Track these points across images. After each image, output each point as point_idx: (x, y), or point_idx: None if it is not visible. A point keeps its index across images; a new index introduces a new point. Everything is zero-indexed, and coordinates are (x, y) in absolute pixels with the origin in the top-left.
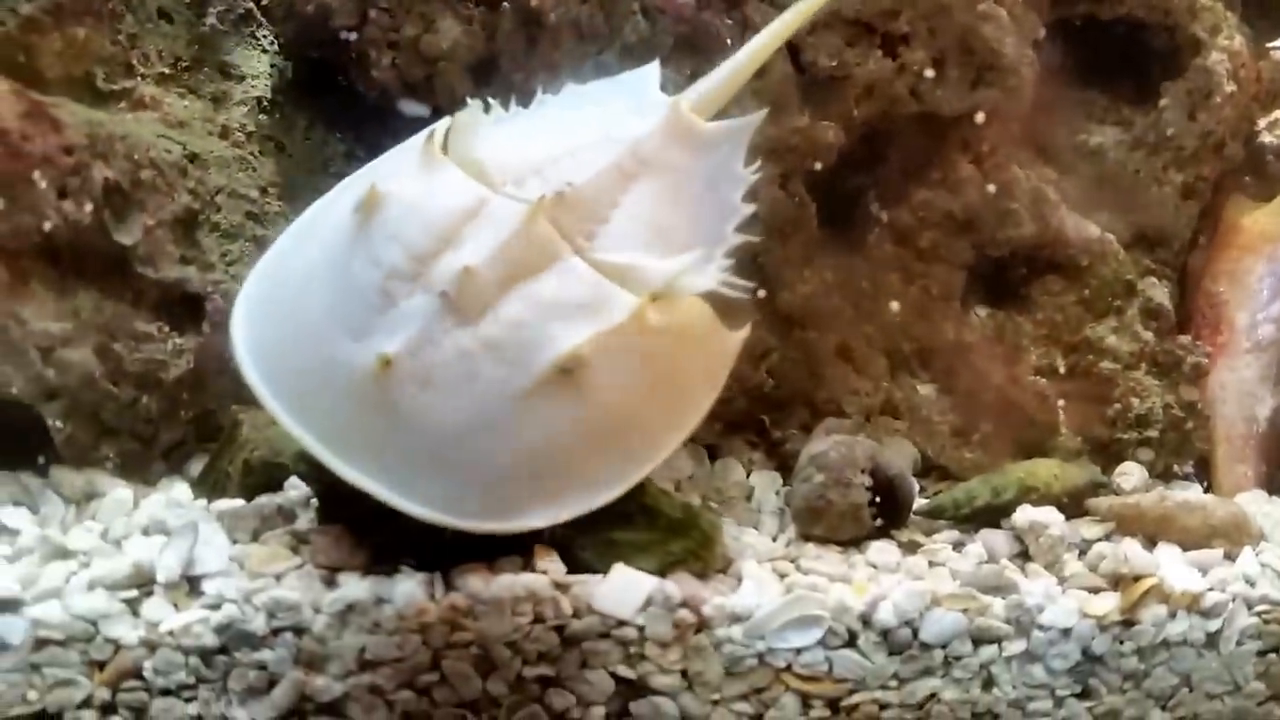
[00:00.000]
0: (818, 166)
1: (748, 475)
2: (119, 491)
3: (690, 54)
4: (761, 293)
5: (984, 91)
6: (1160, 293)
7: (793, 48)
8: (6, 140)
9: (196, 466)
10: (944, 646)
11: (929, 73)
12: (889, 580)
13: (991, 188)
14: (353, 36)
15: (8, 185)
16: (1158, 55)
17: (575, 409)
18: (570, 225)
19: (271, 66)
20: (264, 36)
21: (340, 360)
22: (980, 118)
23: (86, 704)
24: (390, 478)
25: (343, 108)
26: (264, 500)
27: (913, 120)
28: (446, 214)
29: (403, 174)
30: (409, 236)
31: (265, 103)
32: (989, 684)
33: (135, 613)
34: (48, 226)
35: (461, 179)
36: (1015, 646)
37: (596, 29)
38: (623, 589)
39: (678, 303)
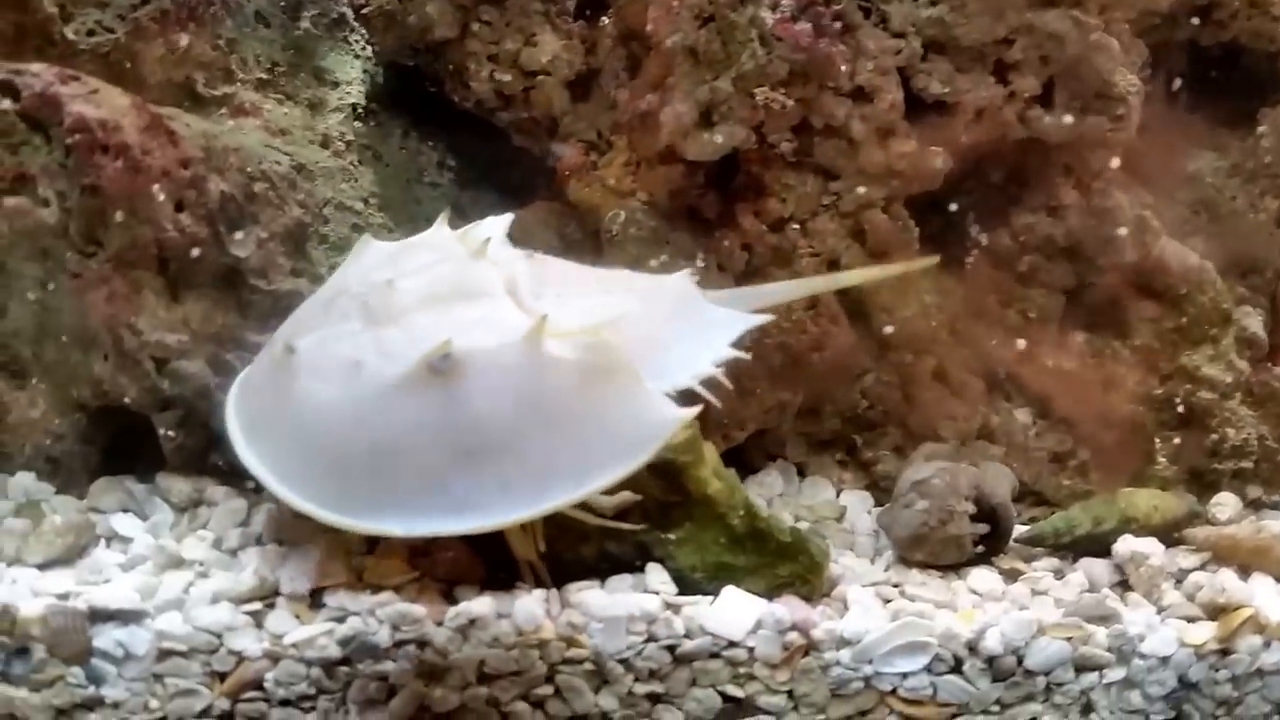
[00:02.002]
0: (923, 191)
1: (837, 495)
2: (232, 501)
3: (804, 82)
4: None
5: (1092, 119)
6: (1255, 322)
7: (904, 74)
8: (128, 155)
9: None
10: (1047, 673)
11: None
12: (995, 608)
13: (1094, 214)
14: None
15: (127, 199)
16: (1257, 81)
17: (442, 412)
18: (525, 284)
19: (363, 73)
20: (355, 42)
21: (271, 356)
22: (1089, 145)
23: (206, 714)
24: (271, 460)
25: (434, 116)
26: None
27: (1017, 145)
28: (407, 248)
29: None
30: (369, 263)
31: (360, 110)
32: (1087, 709)
33: (259, 625)
34: (163, 239)
35: (446, 234)
36: (1115, 674)
37: (713, 55)
38: (734, 611)
39: (601, 350)
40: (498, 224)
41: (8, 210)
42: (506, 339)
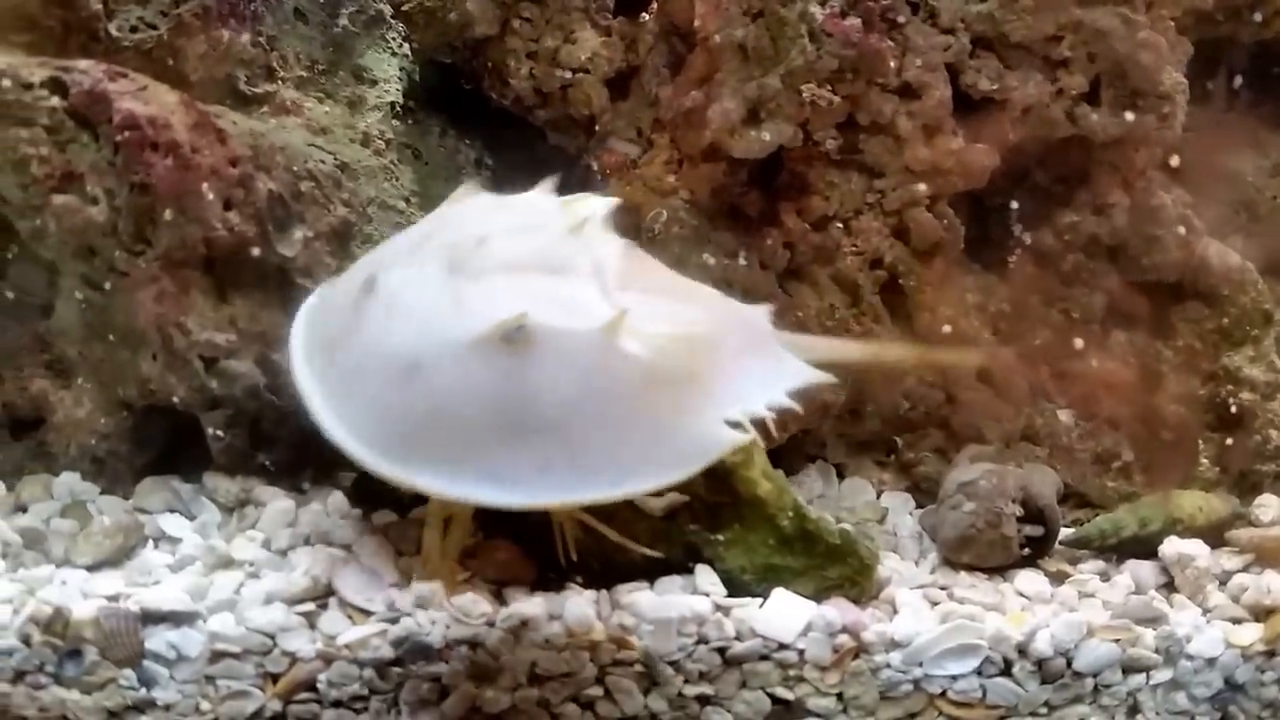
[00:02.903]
0: (968, 189)
1: (878, 496)
2: (280, 501)
3: (852, 79)
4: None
5: (1138, 117)
6: None
7: (952, 70)
8: (178, 153)
9: (343, 472)
10: (1095, 675)
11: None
12: (1044, 611)
13: (1139, 214)
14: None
15: (176, 197)
16: None
17: (502, 381)
18: (612, 273)
19: (400, 70)
20: (393, 39)
21: (349, 286)
22: (1135, 144)
23: (258, 715)
24: (322, 385)
25: (471, 114)
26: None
27: (1062, 142)
28: (505, 206)
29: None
30: (466, 213)
31: (398, 108)
32: (1134, 710)
33: (312, 626)
34: (212, 238)
35: (548, 201)
36: (1162, 675)
37: (762, 51)
38: (785, 613)
39: (673, 357)
40: (600, 205)
41: (56, 208)
42: (583, 324)
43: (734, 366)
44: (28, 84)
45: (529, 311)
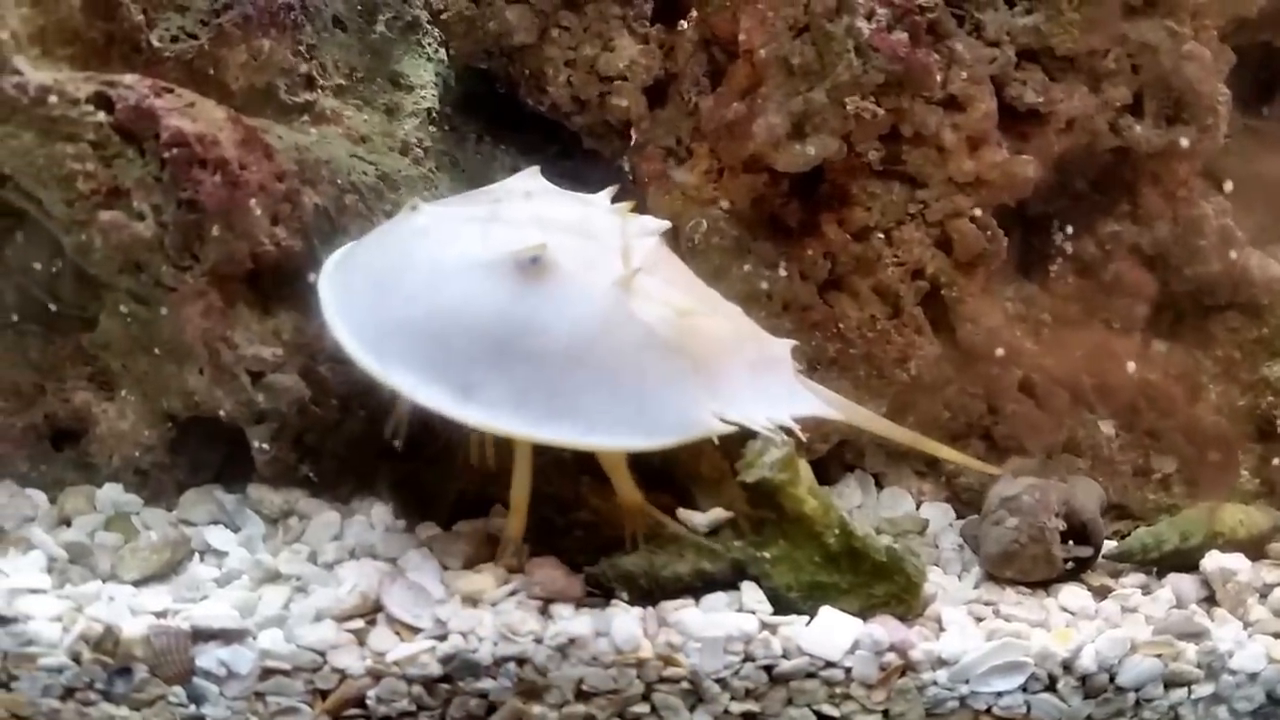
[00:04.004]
0: (1011, 200)
1: (917, 507)
2: (325, 514)
3: (898, 92)
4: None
5: (1180, 128)
6: None
7: (997, 83)
8: (227, 170)
9: (384, 484)
10: (1137, 690)
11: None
12: (1089, 627)
13: (1180, 223)
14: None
15: (224, 213)
16: None
17: (506, 303)
18: (639, 258)
19: (436, 76)
20: (428, 45)
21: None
22: (1176, 154)
23: None
24: (341, 288)
25: (505, 119)
26: (469, 526)
27: (1104, 153)
28: (563, 195)
29: None
30: (524, 182)
31: (434, 115)
32: None
33: (361, 642)
34: (259, 252)
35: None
36: (1204, 689)
37: (808, 66)
38: (832, 631)
39: (675, 328)
40: (653, 223)
41: (102, 224)
42: (597, 276)
43: (742, 374)
44: (74, 99)
45: (549, 245)
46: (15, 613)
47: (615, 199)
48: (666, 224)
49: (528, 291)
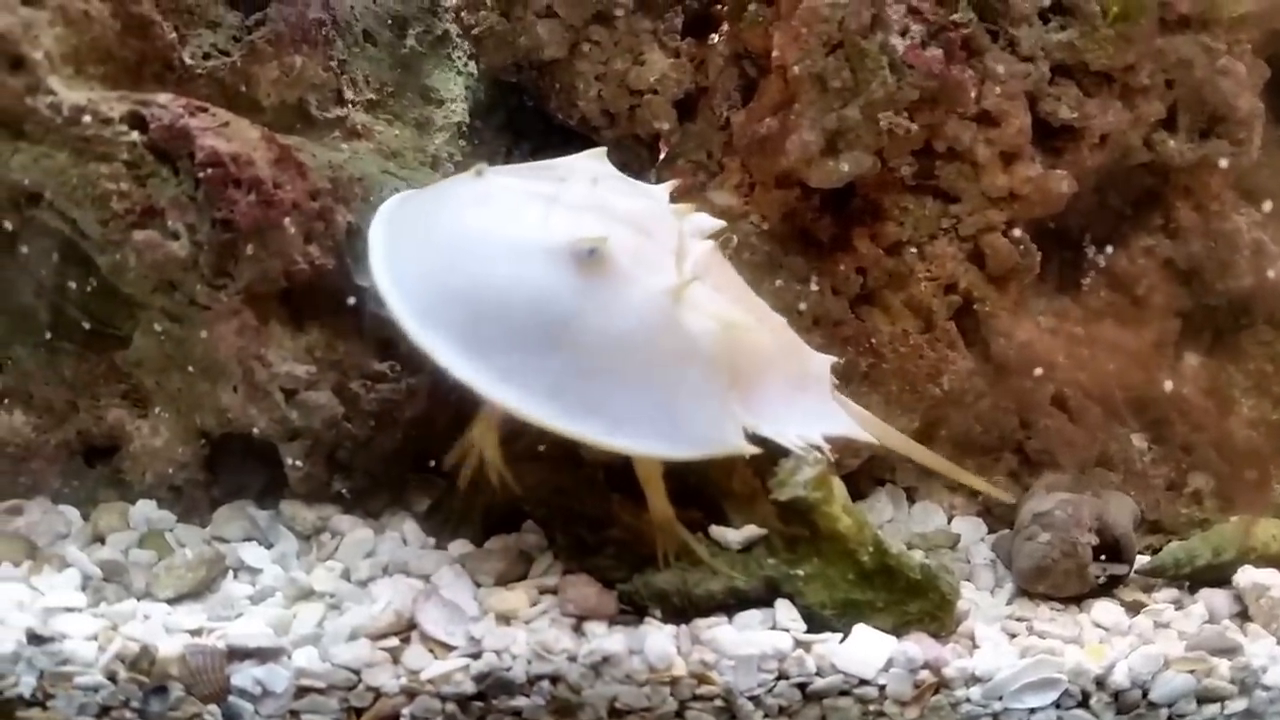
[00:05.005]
0: (1045, 215)
1: (949, 521)
2: (359, 531)
3: (932, 108)
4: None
5: (1214, 143)
6: None
7: (1031, 98)
8: (261, 189)
9: (416, 500)
10: (1170, 705)
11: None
12: (1122, 643)
13: (1213, 237)
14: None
15: (258, 233)
16: None
17: (555, 292)
18: (692, 262)
19: (465, 89)
20: (458, 58)
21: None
22: (1209, 168)
23: None
24: (391, 245)
25: (535, 131)
26: (500, 543)
27: (1138, 167)
28: (628, 181)
29: None
30: (592, 165)
31: (465, 128)
32: None
33: (396, 660)
34: (292, 271)
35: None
36: (1237, 705)
37: (842, 82)
38: (866, 649)
39: (717, 342)
40: (708, 222)
41: (137, 243)
42: (650, 278)
43: (780, 389)
44: (108, 119)
45: (609, 237)
46: (51, 631)
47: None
48: (721, 224)
49: (581, 283)
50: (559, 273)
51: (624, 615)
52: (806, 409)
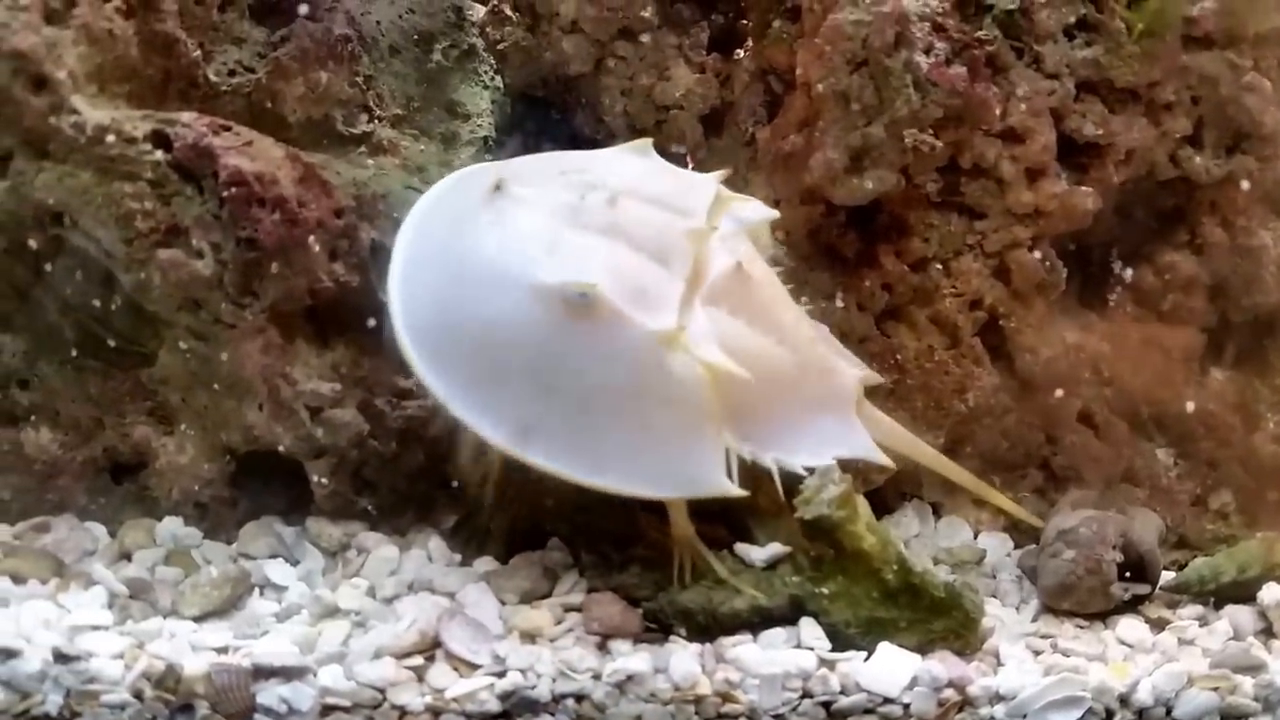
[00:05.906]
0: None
1: (975, 536)
2: (384, 549)
3: (956, 125)
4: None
5: (1240, 159)
6: None
7: (1056, 115)
8: (285, 208)
9: (441, 517)
10: None
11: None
12: (1146, 661)
13: (1239, 253)
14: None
15: (283, 251)
16: None
17: (545, 334)
18: (710, 284)
19: (491, 103)
20: (484, 72)
21: (484, 179)
22: (1235, 184)
23: None
24: (410, 257)
25: (562, 148)
26: (525, 560)
27: (1163, 183)
28: (666, 174)
29: None
30: (626, 166)
31: (491, 143)
32: None
33: (420, 679)
34: (317, 288)
35: (714, 189)
36: None
37: (866, 100)
38: (890, 667)
39: (704, 389)
40: (760, 212)
41: (161, 262)
42: (644, 320)
43: (793, 412)
44: (131, 138)
45: (601, 285)
46: (78, 650)
47: None
48: (773, 213)
49: (570, 325)
50: (549, 314)
51: (649, 633)
52: (824, 430)
